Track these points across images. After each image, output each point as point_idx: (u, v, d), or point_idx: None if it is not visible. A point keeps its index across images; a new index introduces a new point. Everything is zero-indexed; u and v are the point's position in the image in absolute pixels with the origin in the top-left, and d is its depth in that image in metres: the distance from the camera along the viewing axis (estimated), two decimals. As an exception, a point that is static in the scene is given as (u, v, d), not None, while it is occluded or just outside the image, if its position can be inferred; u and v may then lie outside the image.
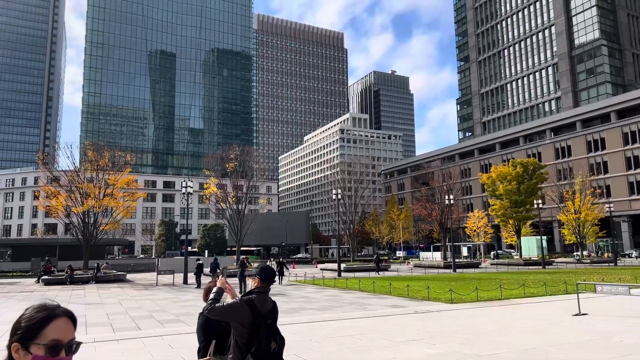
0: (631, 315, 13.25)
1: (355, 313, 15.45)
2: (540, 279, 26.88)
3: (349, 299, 19.88)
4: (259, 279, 3.97)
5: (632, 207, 71.17)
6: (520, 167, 54.94)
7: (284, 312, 16.15)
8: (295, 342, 10.51)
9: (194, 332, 4.90)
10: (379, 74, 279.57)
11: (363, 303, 18.41)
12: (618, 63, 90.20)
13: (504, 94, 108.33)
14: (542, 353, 9.05)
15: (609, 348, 9.46)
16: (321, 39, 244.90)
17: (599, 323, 12.29)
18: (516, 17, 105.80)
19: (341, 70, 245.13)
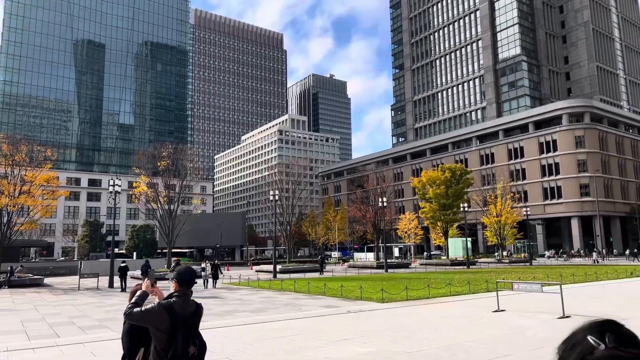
0: (543, 311, 14.42)
1: (290, 314, 15.46)
2: (464, 278, 28.47)
3: (284, 300, 19.86)
4: (175, 283, 3.81)
5: (546, 211, 77.53)
6: (448, 172, 57.90)
7: (217, 314, 15.81)
8: (228, 344, 10.33)
9: (119, 339, 4.66)
10: (318, 77, 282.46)
11: (298, 304, 18.47)
12: (536, 78, 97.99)
13: (435, 102, 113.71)
14: (464, 348, 9.60)
15: (523, 341, 10.23)
16: (261, 38, 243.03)
17: (515, 319, 13.25)
18: (447, 29, 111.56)
19: (280, 71, 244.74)
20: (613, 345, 1.23)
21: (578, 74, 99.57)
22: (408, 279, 29.93)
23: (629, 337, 1.28)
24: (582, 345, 1.26)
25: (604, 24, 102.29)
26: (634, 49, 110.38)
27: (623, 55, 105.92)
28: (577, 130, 75.56)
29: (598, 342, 1.24)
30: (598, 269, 36.58)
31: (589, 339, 1.26)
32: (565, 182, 75.41)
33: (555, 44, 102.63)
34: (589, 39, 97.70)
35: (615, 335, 1.26)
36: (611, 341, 1.24)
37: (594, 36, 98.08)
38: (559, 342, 1.30)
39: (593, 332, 1.28)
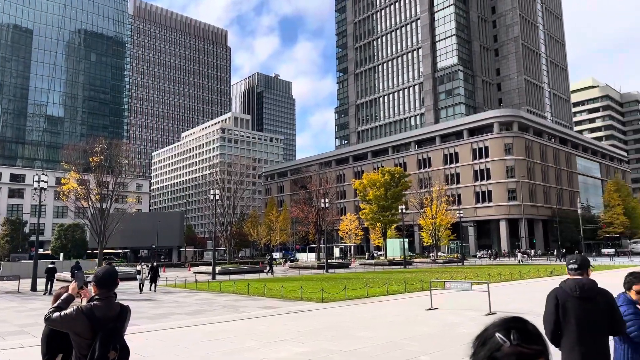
0: (472, 308, 15.23)
1: (228, 316, 15.21)
2: (401, 278, 29.43)
3: (222, 302, 19.50)
4: (94, 285, 3.61)
5: (477, 214, 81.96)
6: (388, 175, 59.63)
7: (150, 318, 15.22)
8: (161, 348, 9.98)
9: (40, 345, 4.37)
10: (263, 76, 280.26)
11: (236, 306, 18.22)
12: (471, 87, 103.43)
13: (377, 107, 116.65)
14: (399, 345, 9.94)
15: (453, 338, 10.76)
16: (204, 33, 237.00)
17: (446, 316, 13.90)
18: (390, 36, 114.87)
19: (224, 68, 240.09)
20: (517, 342, 1.33)
21: (508, 86, 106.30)
22: (347, 279, 30.45)
23: (532, 334, 1.39)
24: (491, 342, 1.36)
25: (532, 40, 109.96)
26: (558, 64, 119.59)
27: (548, 70, 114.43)
28: (507, 138, 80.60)
29: (504, 339, 1.35)
30: (522, 268, 39.17)
31: (497, 336, 1.36)
32: (495, 187, 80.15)
33: (489, 56, 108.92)
34: (518, 53, 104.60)
35: (520, 332, 1.37)
36: (516, 338, 1.34)
37: (522, 51, 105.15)
38: None
39: (501, 329, 1.38)
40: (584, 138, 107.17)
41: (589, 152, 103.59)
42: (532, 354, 1.33)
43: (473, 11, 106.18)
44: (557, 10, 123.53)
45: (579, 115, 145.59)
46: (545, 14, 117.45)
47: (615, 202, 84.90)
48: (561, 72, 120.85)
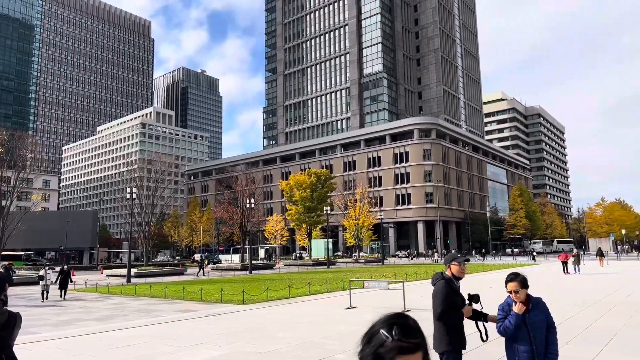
0: (389, 306, 15.87)
1: (141, 321, 14.48)
2: (323, 278, 29.90)
3: (136, 307, 18.53)
4: None
5: (397, 215, 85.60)
6: (314, 177, 60.37)
7: (53, 325, 14.06)
8: (64, 357, 9.27)
9: None
10: (189, 71, 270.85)
11: (151, 310, 17.40)
12: (394, 94, 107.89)
13: (306, 109, 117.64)
14: (317, 344, 10.09)
15: (369, 334, 11.12)
16: (125, 22, 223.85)
17: (364, 315, 14.35)
18: (319, 40, 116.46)
19: (146, 60, 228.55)
20: (398, 338, 1.41)
21: (428, 95, 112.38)
22: (271, 280, 30.34)
23: (412, 328, 1.47)
24: (376, 338, 1.44)
25: (450, 52, 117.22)
26: (472, 77, 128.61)
27: (464, 82, 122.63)
28: (425, 145, 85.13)
29: (387, 335, 1.42)
30: (437, 267, 41.56)
31: (381, 332, 1.43)
32: (414, 190, 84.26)
33: (411, 65, 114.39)
34: (437, 65, 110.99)
35: (401, 328, 1.44)
36: (397, 334, 1.42)
37: (442, 62, 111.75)
38: None
39: (384, 326, 1.46)
40: (493, 147, 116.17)
41: (497, 160, 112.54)
42: (411, 347, 1.41)
43: (398, 21, 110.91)
44: (472, 26, 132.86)
45: (490, 125, 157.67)
46: (462, 29, 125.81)
47: (518, 206, 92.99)
48: (475, 85, 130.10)
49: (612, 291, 19.87)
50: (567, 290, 20.71)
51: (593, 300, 16.71)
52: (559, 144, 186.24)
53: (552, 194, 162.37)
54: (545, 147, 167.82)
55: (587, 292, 19.63)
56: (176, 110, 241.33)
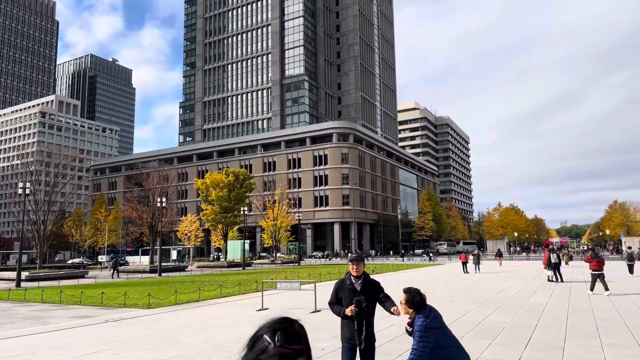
0: (301, 307, 15.98)
1: (30, 329, 13.11)
2: (238, 280, 29.36)
3: (25, 313, 16.77)
4: None
5: (315, 217, 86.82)
6: (232, 176, 59.16)
7: None
8: None
9: None
10: (98, 59, 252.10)
11: (43, 316, 15.84)
12: (315, 98, 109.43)
13: (226, 106, 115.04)
14: (223, 348, 9.82)
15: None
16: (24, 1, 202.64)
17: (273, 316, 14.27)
18: (242, 37, 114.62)
19: (49, 44, 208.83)
20: (280, 344, 1.36)
21: (347, 100, 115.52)
22: (181, 283, 29.15)
23: (296, 334, 1.44)
24: (259, 344, 1.39)
25: (369, 61, 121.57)
26: (389, 85, 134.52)
27: (380, 90, 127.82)
28: (343, 148, 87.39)
29: (269, 340, 1.37)
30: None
31: (264, 337, 1.38)
32: (331, 192, 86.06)
33: (332, 70, 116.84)
34: (357, 72, 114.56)
35: (284, 333, 1.40)
36: (280, 339, 1.37)
37: (361, 70, 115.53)
38: (308, 333, 1.51)
39: (268, 331, 1.41)
40: (406, 153, 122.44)
41: (409, 166, 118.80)
42: (292, 353, 1.37)
43: (320, 26, 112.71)
44: (390, 37, 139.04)
45: (403, 133, 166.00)
46: (381, 39, 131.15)
47: (427, 209, 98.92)
48: (391, 93, 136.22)
49: (504, 289, 21.81)
50: (465, 289, 22.34)
51: (487, 298, 18.20)
52: (464, 153, 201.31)
53: (457, 199, 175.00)
54: (452, 155, 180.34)
55: (483, 290, 21.34)
56: (82, 101, 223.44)
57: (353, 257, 5.53)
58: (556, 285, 23.02)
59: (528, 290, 20.64)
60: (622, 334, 10.62)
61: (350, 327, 5.26)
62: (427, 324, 4.09)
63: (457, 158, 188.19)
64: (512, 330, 11.25)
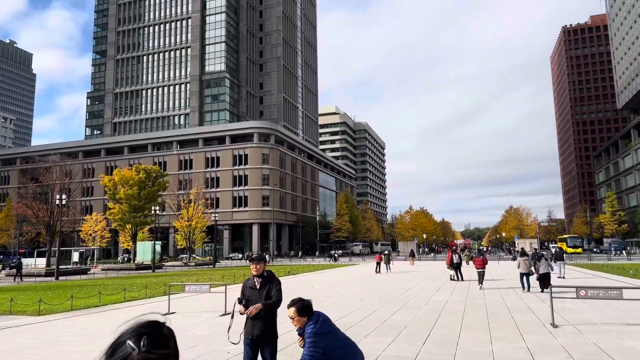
0: (210, 310, 15.49)
1: None
2: (145, 283, 27.80)
3: None
4: None
5: (233, 217, 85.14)
6: (143, 173, 56.00)
7: None
8: None
9: None
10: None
11: None
12: (236, 96, 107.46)
13: (140, 99, 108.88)
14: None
15: (183, 340, 10.61)
16: None
17: (181, 320, 13.69)
18: (159, 28, 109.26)
19: None
20: (146, 349, 1.27)
21: (269, 100, 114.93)
22: (81, 287, 26.95)
23: (163, 338, 1.36)
24: (121, 349, 1.28)
25: (292, 63, 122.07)
26: (311, 89, 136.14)
27: (302, 93, 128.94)
28: (264, 149, 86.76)
29: (134, 346, 1.27)
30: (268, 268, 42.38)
31: (127, 343, 1.28)
32: (251, 193, 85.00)
33: (254, 69, 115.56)
34: (279, 73, 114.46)
35: (151, 338, 1.31)
36: (145, 344, 1.28)
37: (283, 71, 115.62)
38: (214, 337, 1.43)
39: (133, 335, 1.31)
40: (326, 156, 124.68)
41: (329, 168, 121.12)
42: (159, 358, 1.30)
43: (243, 23, 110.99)
44: (313, 41, 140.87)
45: (324, 136, 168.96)
46: (304, 42, 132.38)
47: (344, 211, 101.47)
48: (312, 97, 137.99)
49: (410, 288, 22.94)
50: (375, 288, 23.17)
51: (394, 297, 19.02)
52: (380, 158, 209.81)
53: (373, 202, 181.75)
54: (369, 159, 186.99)
55: (392, 289, 22.28)
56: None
57: (253, 258, 5.91)
58: (457, 284, 24.72)
59: (432, 289, 21.92)
60: (508, 328, 11.63)
61: (249, 323, 5.69)
62: (316, 330, 4.06)
63: (374, 163, 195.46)
64: (414, 327, 11.83)
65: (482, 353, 8.92)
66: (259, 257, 5.93)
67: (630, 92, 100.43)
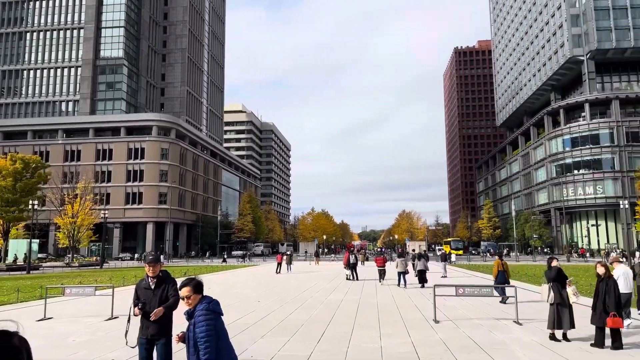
0: (93, 314, 14.28)
1: None
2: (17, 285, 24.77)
3: None
4: None
5: (125, 215, 79.55)
6: (20, 163, 49.98)
7: None
8: None
9: None
10: None
11: None
12: (134, 85, 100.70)
13: (20, 80, 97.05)
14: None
15: (61, 348, 9.67)
16: None
17: (60, 326, 12.46)
18: (46, 3, 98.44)
19: None
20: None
21: (172, 93, 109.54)
22: None
23: (14, 349, 1.23)
24: None
25: (197, 56, 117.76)
26: (217, 84, 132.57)
27: (208, 88, 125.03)
28: (164, 143, 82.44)
29: None
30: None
31: None
32: (147, 189, 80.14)
33: (156, 59, 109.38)
34: (184, 65, 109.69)
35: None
36: None
37: (188, 64, 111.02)
38: (96, 343, 1.30)
39: None
40: (230, 154, 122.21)
41: (233, 167, 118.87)
42: None
43: (145, 10, 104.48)
44: (221, 36, 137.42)
45: (229, 134, 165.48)
46: (211, 36, 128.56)
47: (247, 211, 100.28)
48: (219, 93, 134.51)
49: (308, 288, 23.40)
50: (275, 288, 23.25)
51: (293, 297, 19.25)
52: (286, 160, 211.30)
53: (276, 203, 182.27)
54: (274, 160, 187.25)
55: (291, 289, 22.52)
56: None
57: (149, 260, 5.88)
58: (352, 283, 25.77)
59: (329, 289, 22.58)
60: (397, 324, 12.41)
61: (144, 323, 5.72)
62: (210, 308, 4.00)
63: (279, 164, 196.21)
64: (309, 326, 12.09)
65: (371, 349, 9.41)
66: (155, 259, 5.91)
67: (507, 112, 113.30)
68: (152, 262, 5.86)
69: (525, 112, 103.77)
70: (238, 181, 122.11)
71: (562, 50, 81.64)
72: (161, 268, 6.03)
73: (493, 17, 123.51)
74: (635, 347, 9.24)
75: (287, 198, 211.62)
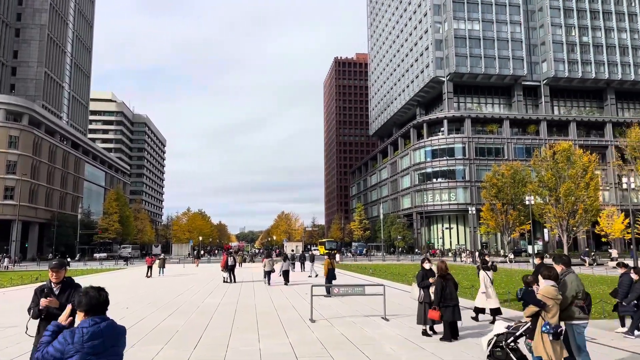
0: None
1: None
2: None
3: None
4: None
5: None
6: None
7: None
8: None
9: None
10: None
11: None
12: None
13: None
14: None
15: None
16: None
17: None
18: None
19: None
20: None
21: (25, 73, 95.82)
22: None
23: None
24: None
25: (60, 35, 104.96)
26: (82, 69, 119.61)
27: (71, 71, 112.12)
28: (13, 130, 71.98)
29: None
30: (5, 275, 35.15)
31: None
32: (-12, 182, 68.95)
33: (8, 33, 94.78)
34: (42, 43, 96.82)
35: None
36: None
37: (48, 42, 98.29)
38: None
39: None
40: (95, 147, 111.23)
41: (98, 161, 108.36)
42: None
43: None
44: (89, 16, 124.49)
45: (95, 124, 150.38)
46: (77, 15, 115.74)
47: (113, 210, 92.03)
48: (84, 78, 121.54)
49: (183, 291, 22.43)
50: (146, 293, 21.81)
51: (166, 301, 18.28)
52: (160, 155, 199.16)
53: (148, 201, 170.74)
54: (147, 156, 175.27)
55: (164, 294, 21.34)
56: None
57: (53, 265, 5.72)
58: (229, 285, 25.39)
59: (205, 292, 21.94)
60: (275, 325, 12.59)
61: (41, 327, 5.41)
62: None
63: (152, 160, 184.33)
64: (185, 332, 11.62)
65: (250, 352, 9.41)
66: (59, 264, 5.76)
67: (379, 123, 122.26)
68: (56, 267, 5.69)
69: (395, 124, 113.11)
70: (104, 176, 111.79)
71: (427, 70, 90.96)
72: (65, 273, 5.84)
73: (370, 32, 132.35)
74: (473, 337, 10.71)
75: (160, 197, 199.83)
